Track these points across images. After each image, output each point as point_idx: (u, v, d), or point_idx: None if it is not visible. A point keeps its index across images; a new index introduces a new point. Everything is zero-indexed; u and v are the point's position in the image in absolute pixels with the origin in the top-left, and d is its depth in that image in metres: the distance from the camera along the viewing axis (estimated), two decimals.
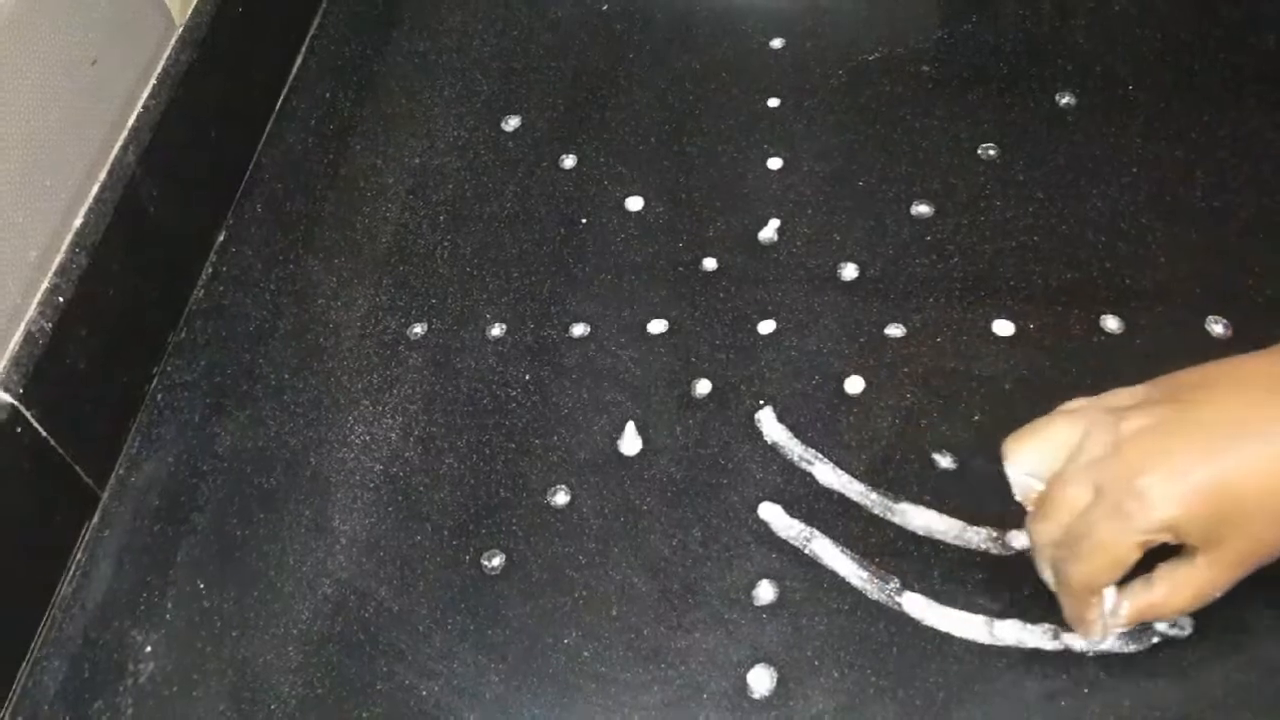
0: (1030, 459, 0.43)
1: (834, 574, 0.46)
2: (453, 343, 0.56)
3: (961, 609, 0.45)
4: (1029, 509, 0.43)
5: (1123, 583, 0.41)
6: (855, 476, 0.48)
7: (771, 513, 0.48)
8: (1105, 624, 0.42)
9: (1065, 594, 0.42)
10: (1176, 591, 0.41)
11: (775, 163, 0.60)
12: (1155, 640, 0.43)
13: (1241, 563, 0.40)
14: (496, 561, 0.49)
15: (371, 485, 0.52)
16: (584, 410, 0.53)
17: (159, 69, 0.60)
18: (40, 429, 0.49)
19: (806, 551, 0.47)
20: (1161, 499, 0.39)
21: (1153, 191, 0.55)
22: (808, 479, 0.49)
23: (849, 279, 0.55)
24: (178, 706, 0.46)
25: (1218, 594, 0.41)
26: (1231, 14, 0.61)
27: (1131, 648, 0.43)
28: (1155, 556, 0.40)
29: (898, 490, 0.48)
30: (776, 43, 0.65)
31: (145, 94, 0.59)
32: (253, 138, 0.66)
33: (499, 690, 0.45)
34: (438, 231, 0.60)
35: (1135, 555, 0.40)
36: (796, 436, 0.50)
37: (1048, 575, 0.43)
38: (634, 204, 0.60)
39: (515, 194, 0.61)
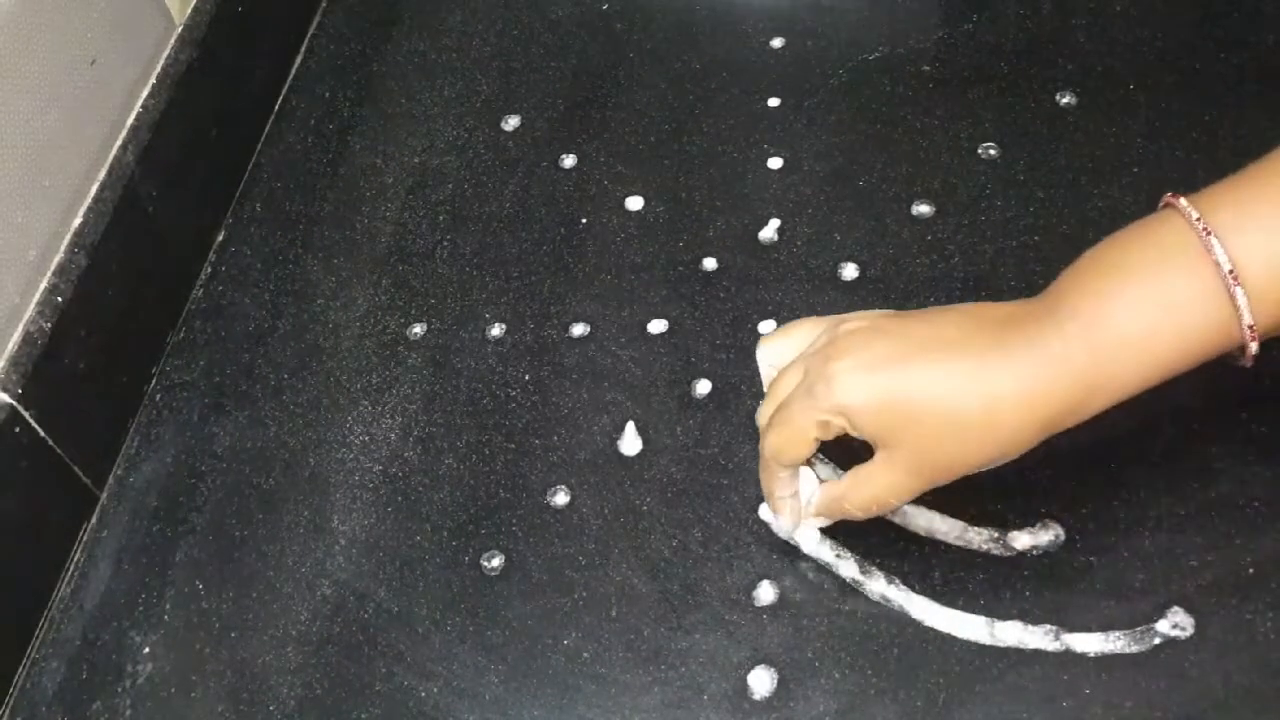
0: (774, 351, 0.47)
1: (835, 575, 0.46)
2: (452, 343, 0.56)
3: (962, 609, 0.44)
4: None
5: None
6: None
7: (772, 513, 0.48)
8: (797, 509, 0.45)
9: (760, 467, 0.45)
10: (857, 487, 0.43)
11: (775, 162, 0.60)
12: (1157, 641, 0.43)
13: (915, 471, 0.42)
14: (496, 562, 0.49)
15: (371, 486, 0.52)
16: (584, 410, 0.52)
17: (158, 68, 0.60)
18: (38, 429, 0.49)
19: (807, 552, 0.47)
20: (843, 385, 0.41)
21: (1154, 191, 0.55)
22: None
23: (849, 279, 0.55)
24: (176, 707, 0.46)
25: (895, 501, 0.43)
26: (1232, 14, 0.61)
27: (1133, 648, 0.43)
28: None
29: None
30: (777, 42, 0.65)
31: (144, 93, 0.58)
32: (252, 137, 0.66)
33: (498, 691, 0.45)
34: (437, 231, 0.60)
35: (813, 432, 0.42)
36: None
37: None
38: (634, 204, 0.60)
39: (515, 194, 0.61)
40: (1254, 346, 0.40)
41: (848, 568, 0.46)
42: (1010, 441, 0.41)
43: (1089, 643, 0.43)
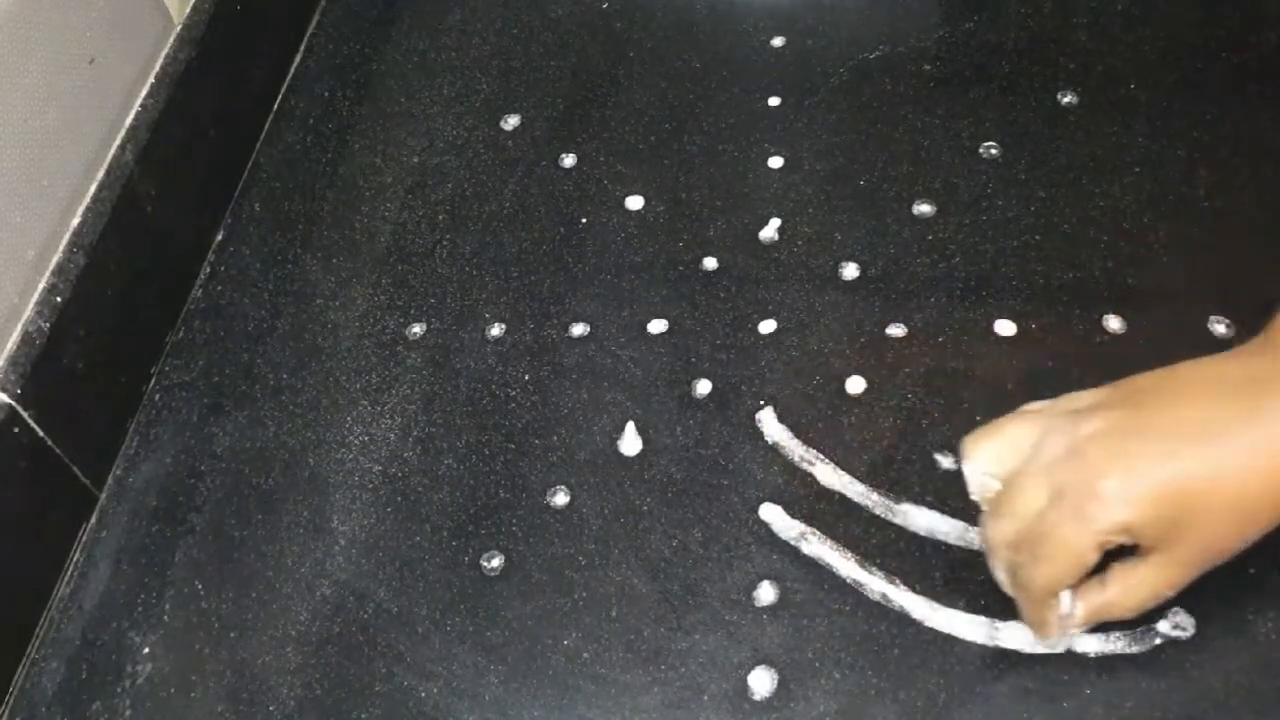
0: (989, 458, 0.43)
1: (835, 575, 0.46)
2: (452, 343, 0.56)
3: (963, 610, 0.44)
4: (984, 508, 0.43)
5: (1076, 584, 0.41)
6: (856, 477, 0.48)
7: (772, 513, 0.48)
8: (1064, 627, 0.42)
9: (1024, 597, 0.42)
10: (1130, 592, 0.41)
11: (776, 162, 0.60)
12: (1158, 641, 0.43)
13: (1195, 563, 0.40)
14: (496, 562, 0.49)
15: (370, 486, 0.51)
16: (584, 410, 0.52)
17: (157, 68, 0.59)
18: (37, 429, 0.49)
19: (807, 552, 0.47)
20: (1120, 501, 0.39)
21: (1155, 191, 0.55)
22: (809, 480, 0.49)
23: (850, 278, 0.55)
24: (176, 708, 0.46)
25: (1170, 594, 0.41)
26: (1233, 13, 0.61)
27: (1134, 649, 0.43)
28: (1107, 557, 0.40)
29: (899, 491, 0.48)
30: (777, 41, 0.65)
31: (143, 93, 0.58)
32: (251, 137, 0.66)
33: (498, 692, 0.45)
34: (437, 231, 0.60)
35: (1094, 557, 0.40)
36: (797, 437, 0.50)
37: (1001, 576, 0.43)
38: (634, 204, 0.59)
39: (515, 193, 0.61)
40: None
41: (848, 568, 0.46)
42: None
43: (1089, 643, 0.43)
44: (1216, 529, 0.39)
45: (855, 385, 0.51)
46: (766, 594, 0.46)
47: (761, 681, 0.44)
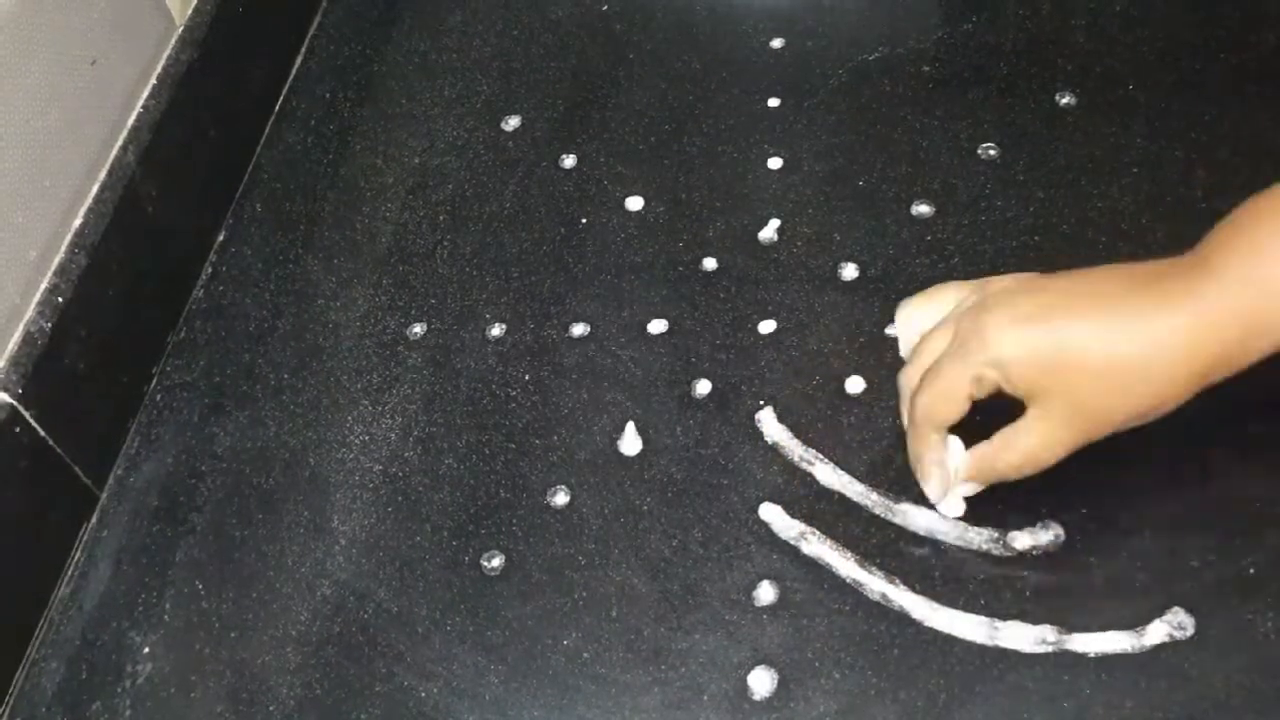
0: (916, 316, 0.47)
1: (835, 575, 0.46)
2: (452, 343, 0.56)
3: (963, 610, 0.44)
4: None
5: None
6: (856, 477, 0.48)
7: (772, 513, 0.48)
8: (945, 477, 0.45)
9: (910, 431, 0.46)
10: (1010, 445, 0.44)
11: (775, 162, 0.60)
12: (1157, 641, 0.43)
13: (1070, 423, 0.42)
14: (496, 562, 0.49)
15: (371, 486, 0.52)
16: (584, 410, 0.52)
17: (159, 69, 0.60)
18: (39, 429, 0.49)
19: (807, 552, 0.47)
20: (997, 338, 0.42)
21: (1154, 191, 0.55)
22: (808, 479, 0.49)
23: (849, 279, 0.55)
24: (176, 708, 0.46)
25: (1047, 456, 0.43)
26: (1232, 13, 0.61)
27: (1134, 649, 0.43)
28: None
29: (899, 491, 0.48)
30: (776, 42, 0.65)
31: (145, 94, 0.58)
32: (252, 138, 0.66)
33: (498, 692, 0.45)
34: (437, 231, 0.60)
35: (967, 388, 0.43)
36: (797, 437, 0.50)
37: (905, 421, 0.46)
38: (634, 204, 0.60)
39: (515, 194, 0.61)
40: None
41: (847, 568, 0.46)
42: (1167, 392, 0.41)
43: (1089, 643, 0.43)
44: (1088, 391, 0.41)
45: (855, 385, 0.51)
46: (766, 594, 0.46)
47: (761, 681, 0.44)
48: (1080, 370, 0.41)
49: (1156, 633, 0.43)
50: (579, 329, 0.55)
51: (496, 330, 0.56)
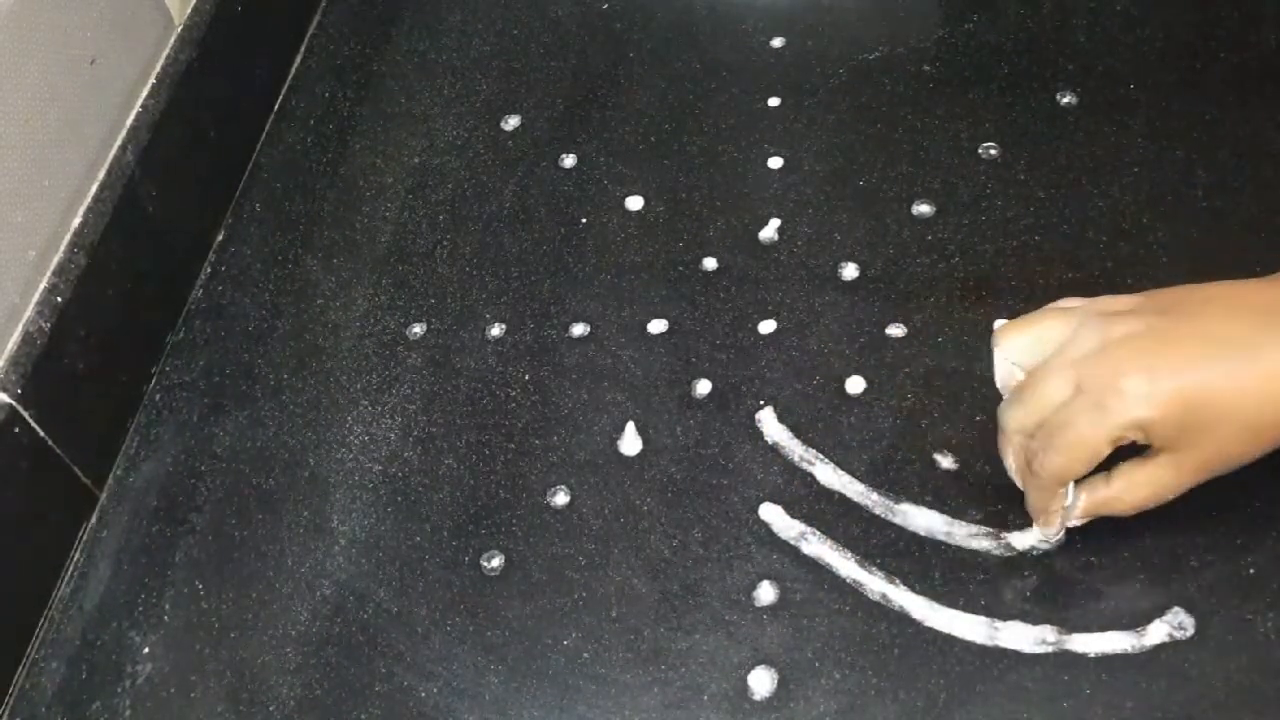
0: (1018, 347, 0.44)
1: (835, 575, 0.46)
2: (452, 343, 0.56)
3: (963, 610, 0.44)
4: (1005, 396, 0.45)
5: (1080, 481, 0.43)
6: (856, 477, 0.48)
7: (772, 513, 0.48)
8: (1065, 518, 0.44)
9: (1033, 485, 0.44)
10: (1134, 489, 0.43)
11: (775, 162, 0.60)
12: (1157, 641, 0.43)
13: (1201, 469, 0.42)
14: (496, 562, 0.49)
15: (370, 486, 0.52)
16: (584, 410, 0.52)
17: (158, 68, 0.60)
18: (38, 429, 0.49)
19: (807, 552, 0.47)
20: (1139, 399, 0.40)
21: (1154, 191, 0.55)
22: (808, 480, 0.49)
23: (850, 279, 0.55)
24: (176, 708, 0.46)
25: (1170, 496, 0.43)
26: (1232, 13, 0.61)
27: (1134, 649, 0.43)
28: (1115, 457, 0.42)
29: (899, 491, 0.48)
30: (777, 42, 0.65)
31: (144, 93, 0.58)
32: (252, 137, 0.66)
33: (498, 692, 0.45)
34: (437, 231, 0.60)
35: (1106, 450, 0.42)
36: (797, 437, 0.50)
37: (1010, 463, 0.45)
38: (634, 204, 0.60)
39: (515, 194, 0.61)
40: None
41: (848, 568, 0.46)
42: None
43: (1089, 643, 0.43)
44: (1226, 439, 0.41)
45: (855, 385, 0.51)
46: (766, 594, 0.46)
47: (761, 681, 0.44)
48: (1223, 426, 0.41)
49: (1156, 633, 0.43)
50: (579, 329, 0.55)
51: (496, 330, 0.56)
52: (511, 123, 0.64)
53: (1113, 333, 0.42)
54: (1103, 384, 0.41)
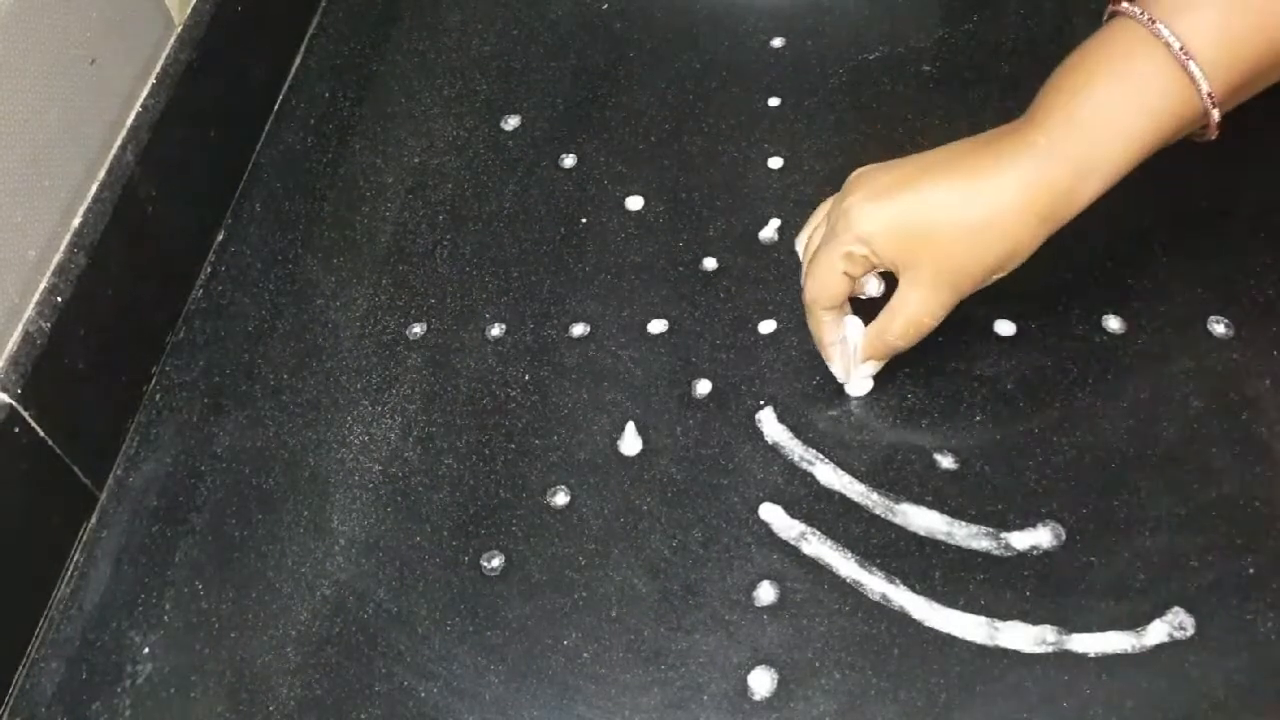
0: (804, 235, 0.51)
1: (835, 575, 0.46)
2: (452, 343, 0.56)
3: (963, 610, 0.44)
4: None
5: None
6: (856, 477, 0.48)
7: (772, 513, 0.48)
8: (846, 355, 0.49)
9: (807, 318, 0.50)
10: (893, 316, 0.47)
11: (776, 162, 0.60)
12: (1157, 641, 0.43)
13: (938, 284, 0.46)
14: (496, 562, 0.49)
15: (370, 486, 0.52)
16: (584, 410, 0.52)
17: (158, 68, 0.60)
18: (38, 429, 0.49)
19: (807, 552, 0.47)
20: (859, 215, 0.46)
21: (1154, 191, 0.55)
22: (809, 480, 0.49)
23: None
24: (176, 708, 0.46)
25: (928, 319, 0.47)
26: None
27: (1134, 649, 0.43)
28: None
29: (899, 491, 0.48)
30: (777, 42, 0.65)
31: (144, 93, 0.58)
32: (252, 137, 0.66)
33: (498, 692, 0.45)
34: (437, 231, 0.60)
35: (841, 265, 0.47)
36: (797, 437, 0.50)
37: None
38: (634, 204, 0.60)
39: (515, 194, 0.61)
40: (1216, 114, 0.44)
41: (848, 568, 0.46)
42: (1017, 241, 0.45)
43: (1089, 643, 0.43)
44: (946, 242, 0.45)
45: None
46: (766, 594, 0.46)
47: (761, 681, 0.44)
48: (934, 235, 0.45)
49: (1157, 633, 0.43)
50: (579, 329, 0.55)
51: (496, 330, 0.56)
52: (511, 123, 0.64)
53: (851, 176, 0.48)
54: (835, 213, 0.47)
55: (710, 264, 0.57)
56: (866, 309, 0.49)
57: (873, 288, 0.49)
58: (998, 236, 0.45)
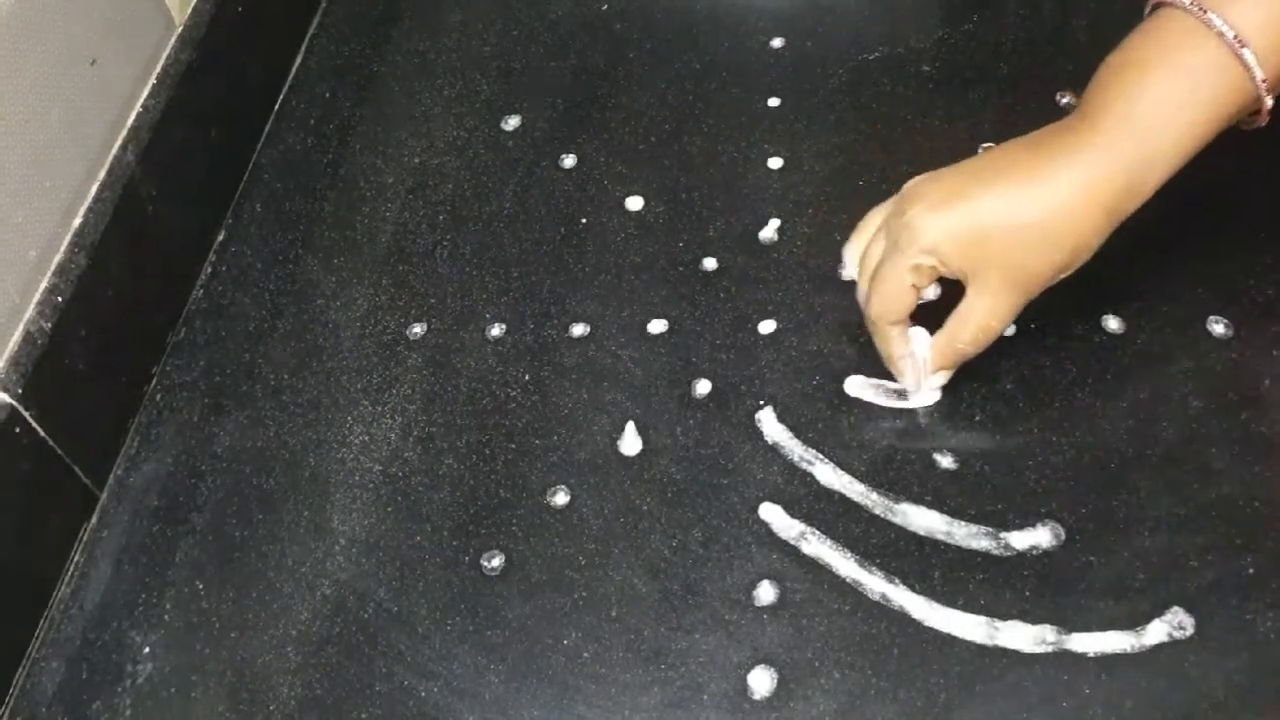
0: (854, 247, 0.51)
1: (835, 575, 0.46)
2: (452, 343, 0.56)
3: (963, 610, 0.44)
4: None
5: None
6: (856, 477, 0.48)
7: (772, 513, 0.48)
8: (916, 368, 0.49)
9: (874, 335, 0.49)
10: (962, 323, 0.47)
11: (775, 162, 0.60)
12: (1157, 641, 0.43)
13: (1005, 289, 0.46)
14: (496, 562, 0.49)
15: (371, 486, 0.52)
16: (584, 410, 0.52)
17: (158, 68, 0.60)
18: (39, 429, 0.49)
19: (807, 552, 0.47)
20: (922, 227, 0.46)
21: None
22: (808, 479, 0.49)
23: (850, 279, 0.55)
24: (176, 708, 0.46)
25: (996, 324, 0.47)
26: None
27: (1133, 648, 0.43)
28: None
29: (899, 491, 0.48)
30: (777, 42, 0.65)
31: (145, 93, 0.58)
32: (252, 137, 0.66)
33: (498, 691, 0.45)
34: (437, 231, 0.60)
35: (909, 278, 0.46)
36: (797, 437, 0.50)
37: (881, 349, 0.50)
38: (634, 204, 0.60)
39: (515, 194, 0.61)
40: (1269, 101, 0.44)
41: (847, 568, 0.46)
42: (1082, 235, 0.45)
43: (1089, 643, 0.43)
44: (1013, 255, 0.45)
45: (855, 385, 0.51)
46: (766, 594, 0.46)
47: (761, 681, 0.44)
48: (1000, 239, 0.45)
49: (1156, 632, 0.43)
50: (579, 329, 0.55)
51: (496, 330, 0.56)
52: (511, 123, 0.64)
53: (905, 189, 0.48)
54: (896, 226, 0.47)
55: (710, 264, 0.57)
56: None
57: (931, 291, 0.48)
58: (1063, 236, 0.45)
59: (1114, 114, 0.45)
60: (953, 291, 0.47)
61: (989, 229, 0.45)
